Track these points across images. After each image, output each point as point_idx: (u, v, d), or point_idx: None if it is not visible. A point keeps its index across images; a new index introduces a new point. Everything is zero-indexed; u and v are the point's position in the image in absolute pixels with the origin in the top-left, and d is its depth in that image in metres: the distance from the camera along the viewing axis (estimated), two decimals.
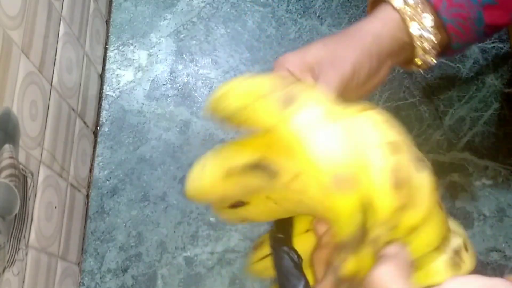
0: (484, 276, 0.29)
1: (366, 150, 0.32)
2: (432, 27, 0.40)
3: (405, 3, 0.40)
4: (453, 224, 0.39)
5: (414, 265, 0.34)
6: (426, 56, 0.42)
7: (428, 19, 0.40)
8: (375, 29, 0.41)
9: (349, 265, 0.32)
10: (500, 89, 0.69)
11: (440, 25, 0.40)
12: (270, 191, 0.35)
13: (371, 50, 0.40)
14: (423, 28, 0.40)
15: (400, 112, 0.68)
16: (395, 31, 0.41)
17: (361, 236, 0.31)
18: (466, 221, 0.62)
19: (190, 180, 0.39)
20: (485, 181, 0.64)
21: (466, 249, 0.37)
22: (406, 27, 0.40)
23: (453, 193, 0.63)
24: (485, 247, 0.61)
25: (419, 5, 0.40)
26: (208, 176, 0.38)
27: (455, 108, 0.68)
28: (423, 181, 0.36)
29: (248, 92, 0.33)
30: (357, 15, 0.75)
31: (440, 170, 0.65)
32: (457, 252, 0.37)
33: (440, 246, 0.36)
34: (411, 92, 0.69)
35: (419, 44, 0.41)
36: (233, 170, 0.35)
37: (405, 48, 0.42)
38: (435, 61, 0.43)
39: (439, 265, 0.35)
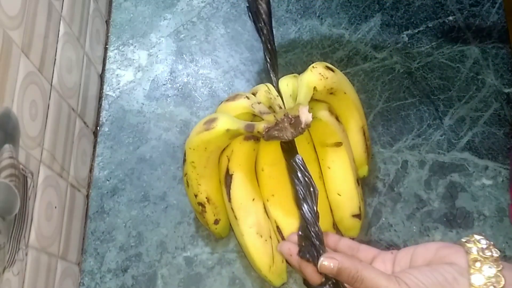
0: None
1: None
2: None
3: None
4: None
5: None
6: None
7: None
8: None
9: None
10: (500, 89, 0.69)
11: None
12: None
13: None
14: None
15: (400, 112, 0.68)
16: None
17: None
18: (466, 221, 0.62)
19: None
20: (485, 181, 0.64)
21: None
22: None
23: (453, 193, 0.63)
24: None
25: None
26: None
27: (455, 108, 0.68)
28: None
29: None
30: (357, 15, 0.75)
31: (440, 170, 0.65)
32: None
33: None
34: (411, 92, 0.69)
35: None
36: None
37: None
38: None
39: None
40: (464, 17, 0.73)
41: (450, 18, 0.73)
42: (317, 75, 0.53)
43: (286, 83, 0.56)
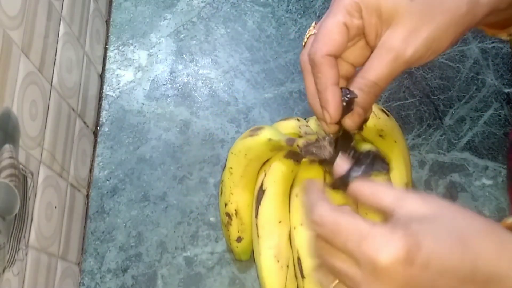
0: None
1: None
2: None
3: None
4: None
5: None
6: None
7: None
8: None
9: None
10: (500, 89, 0.69)
11: None
12: None
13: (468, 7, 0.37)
14: None
15: (400, 112, 0.68)
16: None
17: None
18: None
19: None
20: (485, 181, 0.64)
21: None
22: None
23: (453, 193, 0.63)
24: None
25: None
26: None
27: (455, 108, 0.68)
28: None
29: None
30: None
31: (440, 170, 0.65)
32: None
33: None
34: (411, 92, 0.69)
35: None
36: None
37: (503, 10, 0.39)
38: None
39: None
40: None
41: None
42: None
43: None
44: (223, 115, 0.70)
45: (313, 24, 0.43)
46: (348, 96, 0.40)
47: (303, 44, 0.43)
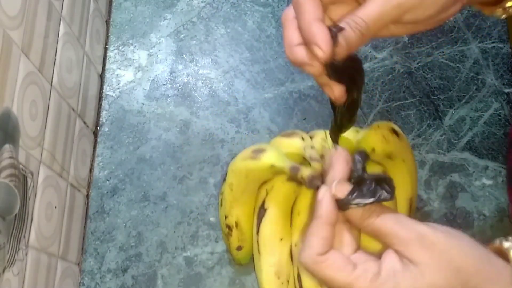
0: None
1: None
2: None
3: None
4: None
5: None
6: None
7: None
8: None
9: None
10: (500, 89, 0.69)
11: None
12: None
13: None
14: None
15: (400, 112, 0.68)
16: None
17: None
18: (466, 221, 0.62)
19: None
20: (485, 181, 0.64)
21: None
22: None
23: (453, 193, 0.63)
24: None
25: None
26: None
27: (455, 108, 0.68)
28: None
29: None
30: None
31: (440, 170, 0.65)
32: None
33: None
34: (411, 92, 0.69)
35: None
36: None
37: None
38: None
39: None
40: (464, 17, 0.73)
41: (450, 18, 0.73)
42: (379, 137, 0.51)
43: (346, 135, 0.52)
44: (223, 115, 0.70)
45: None
46: (334, 29, 0.36)
47: None
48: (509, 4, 0.40)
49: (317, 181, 0.48)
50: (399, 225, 0.34)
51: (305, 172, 0.49)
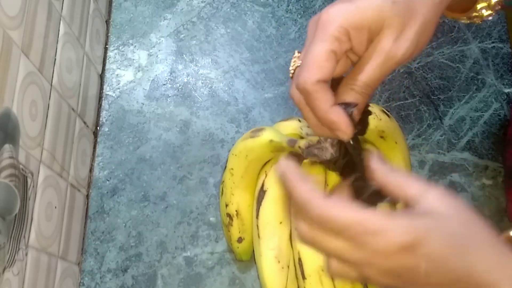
0: None
1: None
2: None
3: None
4: None
5: None
6: (487, 10, 0.41)
7: None
8: None
9: None
10: (500, 89, 0.69)
11: None
12: None
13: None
14: None
15: (400, 112, 0.68)
16: None
17: None
18: None
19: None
20: (485, 181, 0.64)
21: None
22: None
23: (453, 193, 0.63)
24: None
25: None
26: None
27: (455, 108, 0.68)
28: None
29: None
30: None
31: (440, 170, 0.65)
32: None
33: None
34: (411, 92, 0.69)
35: None
36: None
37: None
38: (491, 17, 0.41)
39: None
40: None
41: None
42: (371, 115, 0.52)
43: None
44: (223, 115, 0.70)
45: (296, 53, 0.43)
46: (349, 108, 0.39)
47: (290, 76, 0.42)
48: (475, 13, 0.42)
49: (313, 149, 0.48)
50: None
51: (302, 141, 0.50)
